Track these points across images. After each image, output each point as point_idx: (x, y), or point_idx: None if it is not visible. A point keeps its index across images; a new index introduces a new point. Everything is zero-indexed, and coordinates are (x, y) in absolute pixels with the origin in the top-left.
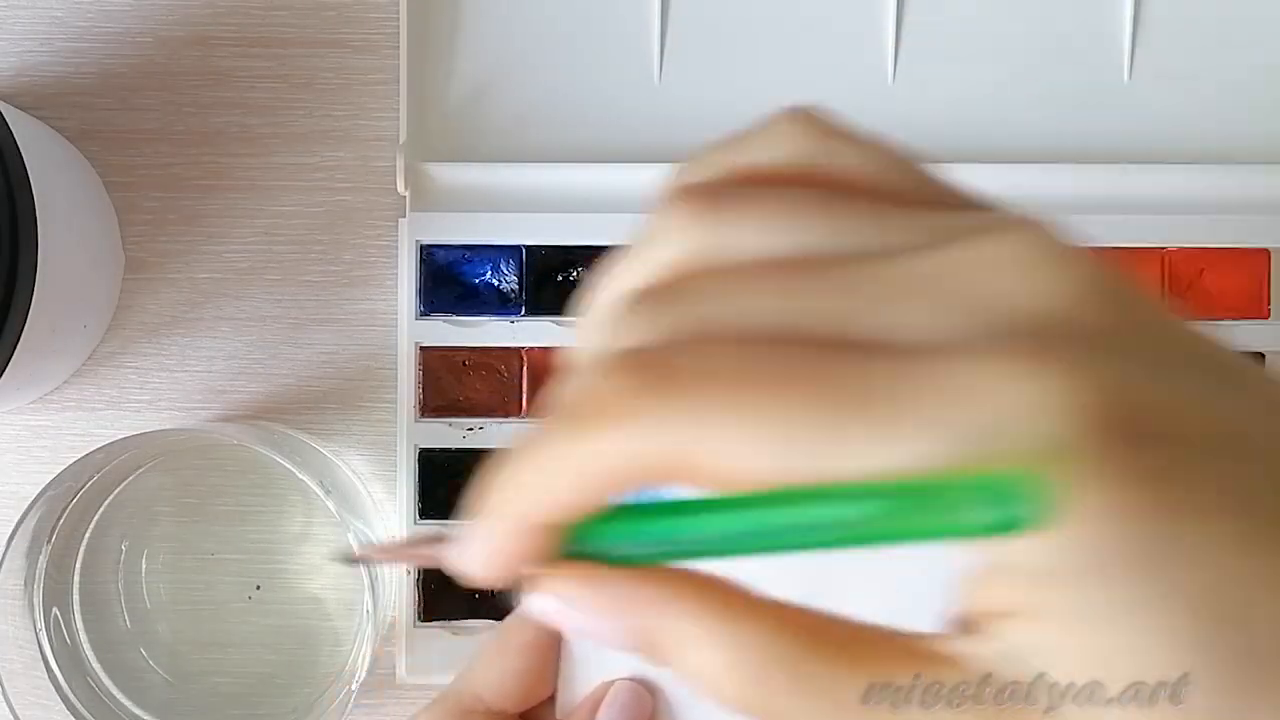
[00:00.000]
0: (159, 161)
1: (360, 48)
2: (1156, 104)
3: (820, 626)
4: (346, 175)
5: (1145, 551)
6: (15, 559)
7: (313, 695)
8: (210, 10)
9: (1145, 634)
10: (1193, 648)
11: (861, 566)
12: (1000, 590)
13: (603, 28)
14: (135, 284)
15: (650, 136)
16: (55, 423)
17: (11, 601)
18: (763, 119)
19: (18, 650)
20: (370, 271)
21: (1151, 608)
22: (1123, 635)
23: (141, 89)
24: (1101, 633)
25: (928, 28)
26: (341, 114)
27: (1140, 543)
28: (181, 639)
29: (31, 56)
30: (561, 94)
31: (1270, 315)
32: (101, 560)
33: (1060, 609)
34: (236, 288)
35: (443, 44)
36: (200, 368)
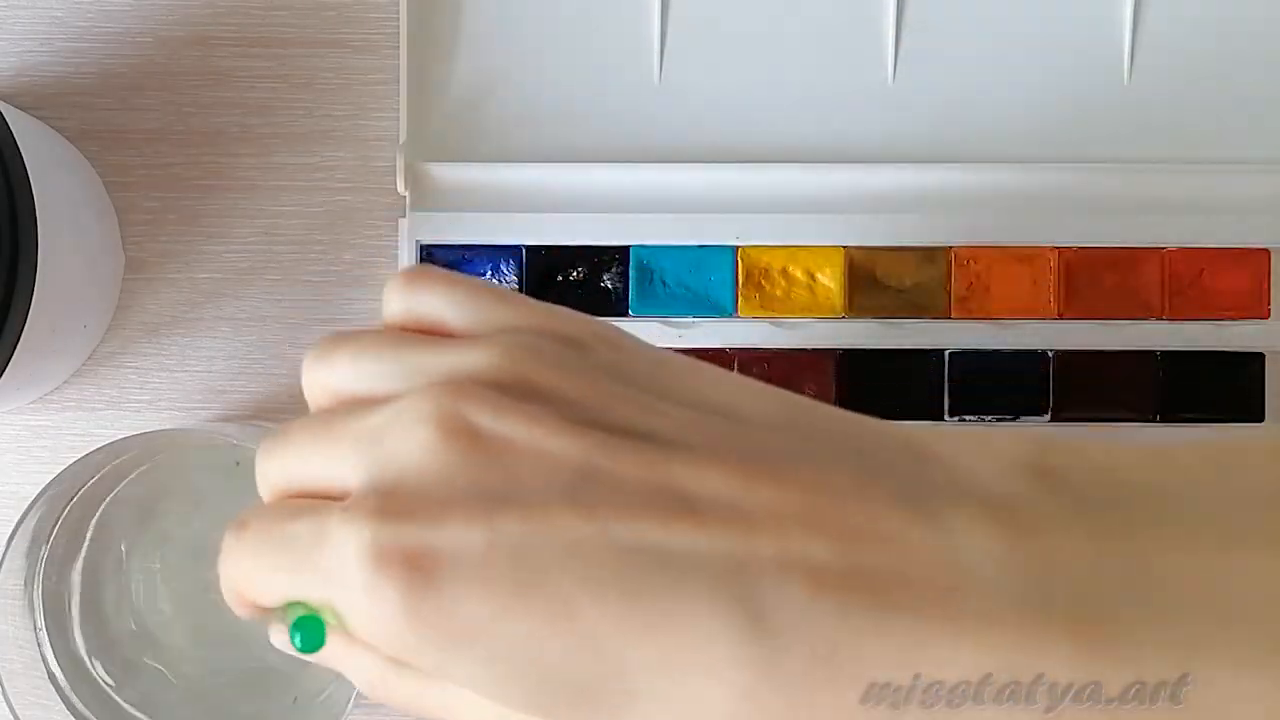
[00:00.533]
0: (159, 161)
1: (360, 48)
2: (1156, 104)
3: None
4: (346, 175)
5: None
6: (15, 559)
7: (313, 695)
8: (210, 10)
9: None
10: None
11: None
12: None
13: (603, 28)
14: (135, 284)
15: (650, 136)
16: (55, 423)
17: (11, 601)
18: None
19: (18, 650)
20: (370, 271)
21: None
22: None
23: (141, 89)
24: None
25: (928, 28)
26: (341, 114)
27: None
28: (181, 639)
29: (31, 56)
30: (561, 94)
31: (1270, 315)
32: (101, 560)
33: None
34: (236, 288)
35: (443, 44)
36: (200, 368)
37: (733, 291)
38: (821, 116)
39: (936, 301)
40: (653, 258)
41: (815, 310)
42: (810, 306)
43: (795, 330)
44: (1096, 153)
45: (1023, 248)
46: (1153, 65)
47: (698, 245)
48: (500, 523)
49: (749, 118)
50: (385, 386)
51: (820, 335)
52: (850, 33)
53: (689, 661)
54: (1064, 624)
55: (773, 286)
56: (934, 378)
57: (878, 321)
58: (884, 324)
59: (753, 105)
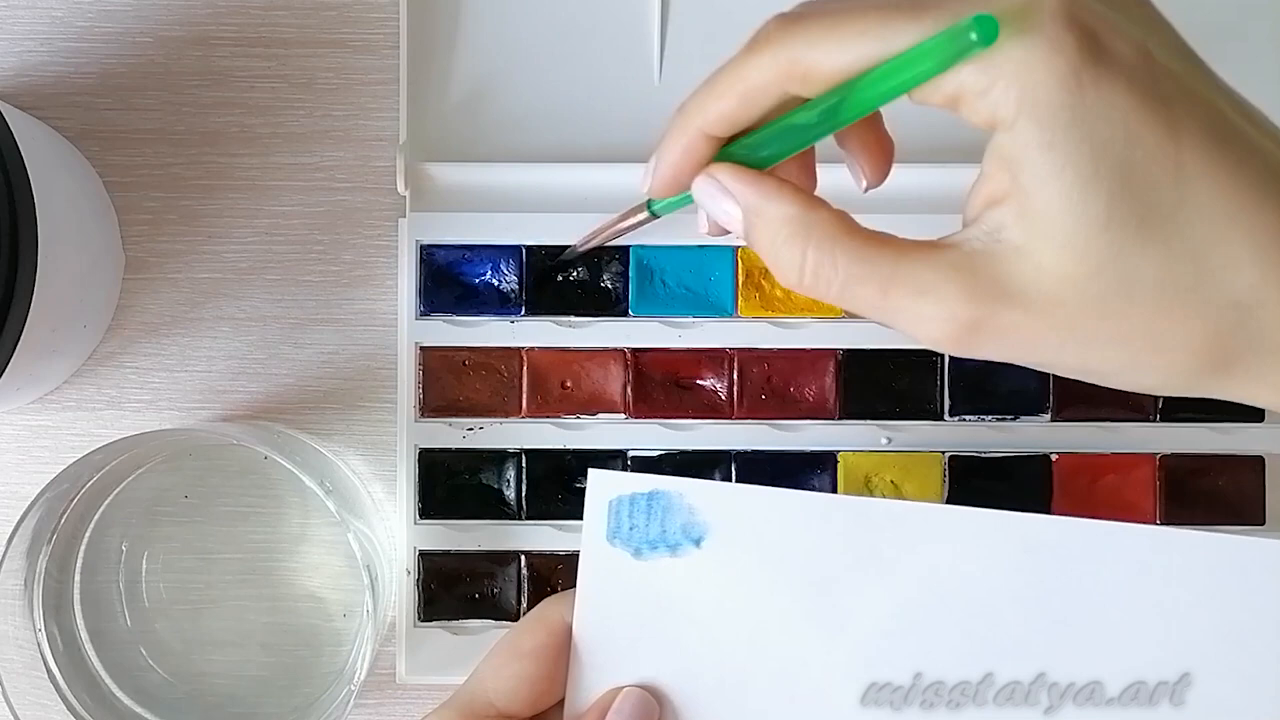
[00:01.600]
0: (159, 161)
1: (360, 48)
2: None
3: (866, 237)
4: (346, 175)
5: (1069, 104)
6: (15, 559)
7: (313, 695)
8: (210, 10)
9: (1063, 173)
10: (1092, 184)
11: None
12: (991, 180)
13: (603, 28)
14: (135, 284)
15: (650, 136)
16: (55, 423)
17: (11, 601)
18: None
19: (18, 650)
20: (370, 271)
21: (1069, 152)
22: (1052, 183)
23: (141, 89)
24: (1041, 184)
25: None
26: (341, 114)
27: (1066, 94)
28: (181, 639)
29: (31, 56)
30: (561, 94)
31: None
32: (101, 560)
33: (1020, 183)
34: (236, 288)
35: (443, 44)
36: (200, 368)
37: (733, 291)
38: None
39: None
40: (653, 257)
41: (815, 310)
42: (810, 306)
43: (795, 330)
44: None
45: None
46: None
47: (698, 245)
48: (1149, 44)
49: None
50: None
51: (820, 335)
52: None
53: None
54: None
55: (773, 286)
56: (934, 378)
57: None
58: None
59: None
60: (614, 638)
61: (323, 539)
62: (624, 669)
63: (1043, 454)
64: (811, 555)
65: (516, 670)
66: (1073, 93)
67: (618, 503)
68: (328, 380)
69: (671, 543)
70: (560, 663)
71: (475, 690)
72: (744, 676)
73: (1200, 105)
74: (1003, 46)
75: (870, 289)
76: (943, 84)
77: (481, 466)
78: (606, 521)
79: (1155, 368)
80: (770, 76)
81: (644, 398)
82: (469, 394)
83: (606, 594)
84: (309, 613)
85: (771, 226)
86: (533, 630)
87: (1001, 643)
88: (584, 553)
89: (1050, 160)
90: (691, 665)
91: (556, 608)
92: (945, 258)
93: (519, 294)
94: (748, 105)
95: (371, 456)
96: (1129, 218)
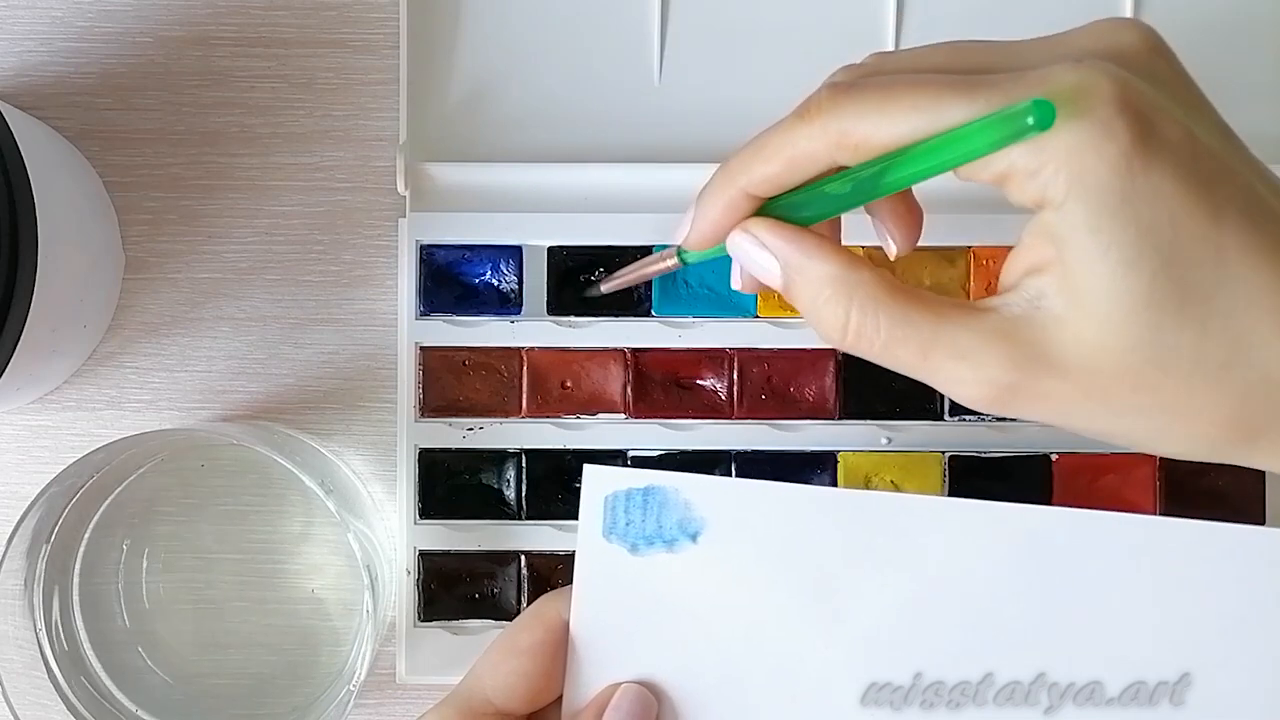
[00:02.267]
0: (159, 161)
1: (360, 48)
2: None
3: (908, 298)
4: (346, 175)
5: (1119, 189)
6: (15, 559)
7: (313, 695)
8: (210, 10)
9: (1108, 253)
10: (1136, 265)
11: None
12: (1033, 250)
13: (603, 28)
14: (135, 284)
15: (650, 136)
16: (55, 423)
17: (11, 601)
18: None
19: (18, 650)
20: (370, 271)
21: (1116, 234)
22: (1097, 263)
23: (141, 89)
24: (1087, 263)
25: (927, 28)
26: (341, 114)
27: (1116, 179)
28: (181, 639)
29: (31, 56)
30: (561, 94)
31: None
32: (101, 560)
33: (1064, 258)
34: (236, 288)
35: (443, 44)
36: (200, 368)
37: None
38: None
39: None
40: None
41: None
42: None
43: (795, 330)
44: None
45: None
46: None
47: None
48: (1196, 129)
49: (749, 118)
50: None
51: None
52: (850, 33)
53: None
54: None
55: None
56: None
57: None
58: None
59: (753, 105)
60: (611, 634)
61: (323, 539)
62: (622, 665)
63: (1043, 454)
64: (809, 549)
65: (514, 667)
66: (1123, 177)
67: (613, 498)
68: (328, 380)
69: (668, 538)
70: (558, 659)
71: (473, 687)
72: (742, 672)
73: (1239, 187)
74: (1056, 129)
75: (910, 350)
76: (992, 163)
77: (481, 466)
78: (602, 517)
79: (1183, 437)
80: (820, 146)
81: (644, 398)
82: (469, 394)
83: (603, 590)
84: (309, 613)
85: (813, 285)
86: (530, 627)
87: (1001, 639)
88: (580, 549)
89: (1097, 242)
90: (689, 661)
91: (554, 604)
92: (985, 322)
93: (519, 294)
94: (794, 171)
95: (371, 456)
96: (1169, 297)
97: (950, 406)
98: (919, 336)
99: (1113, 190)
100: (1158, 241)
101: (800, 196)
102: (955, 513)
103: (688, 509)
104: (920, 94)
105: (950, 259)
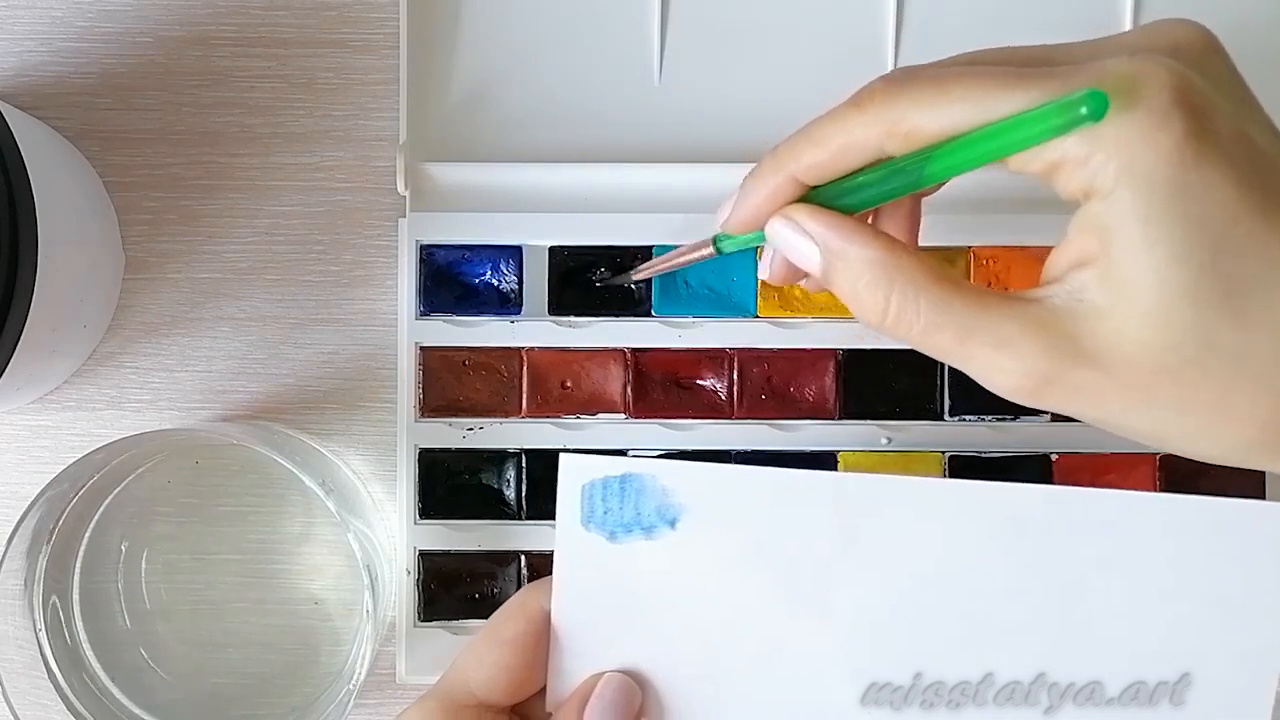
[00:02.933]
0: (159, 161)
1: (360, 48)
2: None
3: (950, 284)
4: (346, 175)
5: (1172, 179)
6: (15, 559)
7: (313, 695)
8: (210, 10)
9: (1155, 246)
10: (1184, 258)
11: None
12: (1079, 244)
13: (603, 28)
14: (135, 284)
15: (650, 136)
16: (55, 423)
17: (11, 601)
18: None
19: (18, 650)
20: (370, 271)
21: (1165, 225)
22: (1143, 254)
23: (141, 89)
24: (1132, 254)
25: (927, 28)
26: (341, 114)
27: (1170, 169)
28: (181, 639)
29: (31, 56)
30: (561, 94)
31: None
32: (101, 560)
33: (1110, 250)
34: (236, 288)
35: (443, 44)
36: (200, 368)
37: (754, 292)
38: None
39: None
40: None
41: (834, 311)
42: (829, 307)
43: (795, 330)
44: None
45: (1041, 248)
46: None
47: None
48: (1248, 128)
49: (749, 118)
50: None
51: (820, 335)
52: (850, 33)
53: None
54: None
55: (791, 287)
56: (934, 378)
57: None
58: None
59: (753, 105)
60: (593, 623)
61: (323, 539)
62: (604, 654)
63: (1043, 454)
64: (790, 533)
65: (496, 659)
66: (1176, 168)
67: (590, 487)
68: (328, 380)
69: (646, 525)
70: (540, 650)
71: (456, 680)
72: (727, 660)
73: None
74: (1108, 118)
75: (948, 335)
76: (1044, 152)
77: (481, 466)
78: (580, 506)
79: (1219, 437)
80: (872, 134)
81: (644, 398)
82: (469, 394)
83: (583, 579)
84: (309, 613)
85: (854, 269)
86: (512, 618)
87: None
88: (559, 538)
89: (1145, 232)
90: (673, 648)
91: (535, 595)
92: (1027, 312)
93: (519, 294)
94: (843, 158)
95: (371, 456)
96: (1215, 293)
97: (950, 406)
98: (959, 323)
99: (1164, 180)
100: (1206, 236)
101: (842, 185)
102: (941, 493)
103: (665, 495)
104: (973, 84)
105: (950, 259)
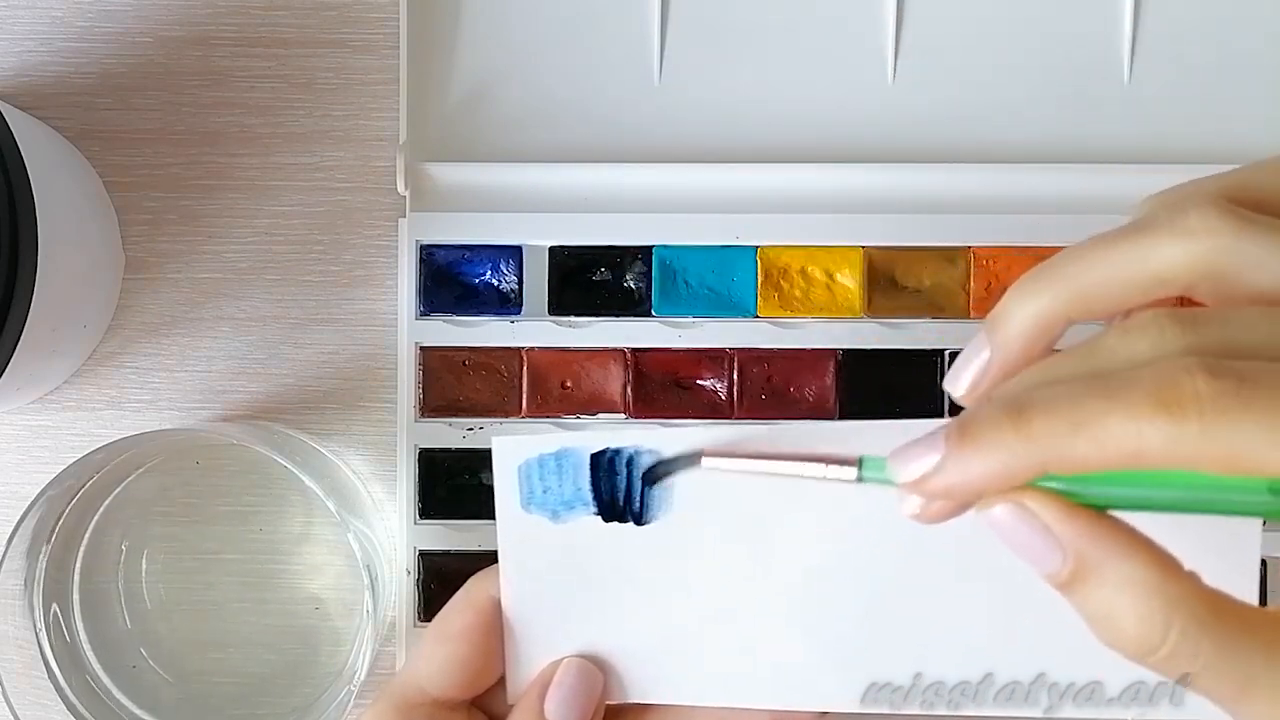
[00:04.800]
0: (159, 161)
1: (360, 48)
2: (1156, 104)
3: (1235, 619)
4: (346, 175)
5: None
6: (15, 559)
7: (313, 695)
8: (210, 10)
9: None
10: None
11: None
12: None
13: (603, 28)
14: (135, 284)
15: (650, 136)
16: (55, 423)
17: (11, 601)
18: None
19: (18, 650)
20: (370, 271)
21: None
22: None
23: (141, 89)
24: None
25: (928, 27)
26: (341, 114)
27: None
28: (181, 639)
29: (31, 56)
30: (561, 94)
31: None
32: (101, 560)
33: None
34: (236, 288)
35: (443, 44)
36: (200, 368)
37: (754, 292)
38: (821, 116)
39: (955, 302)
40: (676, 258)
41: (834, 310)
42: (829, 307)
43: (795, 330)
44: (1096, 152)
45: (1042, 248)
46: (1153, 65)
47: (720, 246)
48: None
49: (749, 118)
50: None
51: (820, 335)
52: (850, 33)
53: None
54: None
55: (791, 287)
56: (934, 378)
57: (881, 321)
58: (886, 324)
59: (753, 105)
60: (546, 608)
61: (323, 539)
62: (561, 639)
63: None
64: (736, 493)
65: (447, 654)
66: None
67: (526, 467)
68: (328, 380)
69: (588, 499)
70: (492, 640)
71: (407, 680)
72: (689, 632)
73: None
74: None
75: (1227, 685)
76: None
77: (481, 466)
78: (518, 489)
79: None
80: (1182, 272)
81: (644, 398)
82: (469, 394)
83: (530, 563)
84: (309, 613)
85: (1112, 588)
86: (459, 611)
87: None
88: (500, 525)
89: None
90: (631, 627)
91: (481, 585)
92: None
93: (519, 294)
94: (1138, 295)
95: (371, 456)
96: None
97: (950, 407)
98: (1242, 672)
99: None
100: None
101: (1108, 474)
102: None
103: None
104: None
105: (950, 259)
